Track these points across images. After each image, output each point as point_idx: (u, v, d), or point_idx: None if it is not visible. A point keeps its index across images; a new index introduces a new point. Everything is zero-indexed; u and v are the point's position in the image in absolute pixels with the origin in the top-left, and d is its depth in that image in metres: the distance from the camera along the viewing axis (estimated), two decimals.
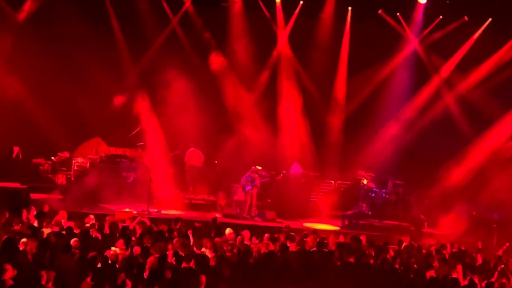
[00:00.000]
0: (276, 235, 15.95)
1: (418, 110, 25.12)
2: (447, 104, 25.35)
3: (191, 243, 14.45)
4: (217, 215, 19.84)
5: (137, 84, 23.57)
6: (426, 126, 24.93)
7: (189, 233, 15.54)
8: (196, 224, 16.53)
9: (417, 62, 25.45)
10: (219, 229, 16.51)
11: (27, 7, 22.87)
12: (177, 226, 16.10)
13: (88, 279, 10.88)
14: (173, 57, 23.09)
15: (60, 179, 21.79)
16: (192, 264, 12.40)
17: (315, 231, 16.92)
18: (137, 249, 13.17)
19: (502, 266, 15.40)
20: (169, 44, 24.03)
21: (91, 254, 12.23)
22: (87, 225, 15.16)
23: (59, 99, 22.60)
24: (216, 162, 22.59)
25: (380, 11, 24.54)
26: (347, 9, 24.84)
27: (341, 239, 16.64)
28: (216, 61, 24.23)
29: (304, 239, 15.93)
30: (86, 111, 22.78)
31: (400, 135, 24.87)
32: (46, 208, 16.14)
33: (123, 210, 18.98)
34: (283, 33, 24.98)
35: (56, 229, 14.37)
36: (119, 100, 23.27)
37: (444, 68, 25.31)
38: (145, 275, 11.63)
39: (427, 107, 25.15)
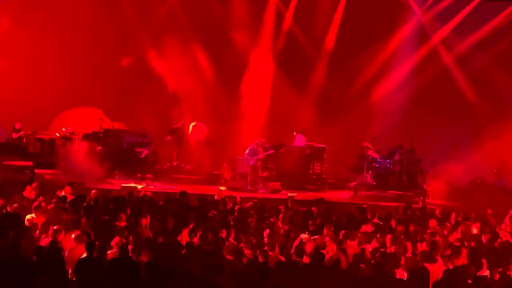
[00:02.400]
0: None
1: (422, 79, 25.13)
2: (453, 74, 25.35)
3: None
4: (222, 188, 19.86)
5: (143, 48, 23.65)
6: (431, 96, 24.94)
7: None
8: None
9: (419, 30, 25.39)
10: (224, 202, 16.55)
11: None
12: (184, 200, 16.16)
13: None
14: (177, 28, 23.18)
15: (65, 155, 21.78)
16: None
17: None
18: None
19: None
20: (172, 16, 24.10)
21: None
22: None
23: (61, 74, 22.64)
24: (219, 135, 22.66)
25: None
26: None
27: None
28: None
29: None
30: (89, 84, 22.86)
31: (404, 103, 24.87)
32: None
33: (128, 185, 19.06)
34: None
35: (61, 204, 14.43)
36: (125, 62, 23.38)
37: (444, 32, 25.28)
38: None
39: (431, 75, 25.14)
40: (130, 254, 10.90)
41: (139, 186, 19.00)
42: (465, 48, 25.09)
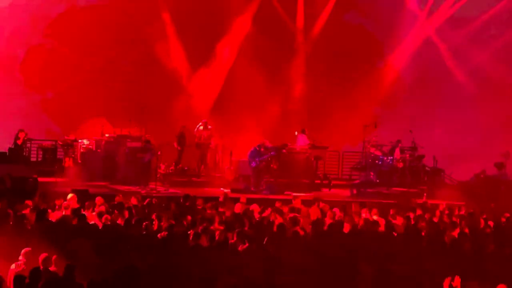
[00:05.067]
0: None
1: (419, 72, 25.20)
2: (451, 66, 25.41)
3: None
4: (225, 190, 19.87)
5: None
6: (429, 89, 25.03)
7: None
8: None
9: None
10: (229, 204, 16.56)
11: None
12: (187, 203, 16.18)
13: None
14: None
15: (68, 162, 21.79)
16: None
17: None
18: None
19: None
20: None
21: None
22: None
23: (63, 82, 22.77)
24: (222, 137, 22.70)
25: None
26: None
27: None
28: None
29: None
30: (89, 91, 22.94)
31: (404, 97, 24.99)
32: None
33: (131, 189, 19.08)
34: None
35: (67, 212, 14.45)
36: None
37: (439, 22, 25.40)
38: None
39: (429, 67, 25.24)
40: None
41: (143, 191, 19.03)
42: (462, 39, 25.15)
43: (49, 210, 14.11)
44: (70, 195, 15.73)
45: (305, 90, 25.38)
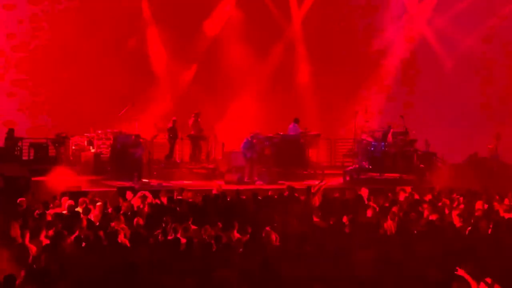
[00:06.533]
0: None
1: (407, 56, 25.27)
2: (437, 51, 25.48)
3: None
4: (219, 182, 19.87)
5: None
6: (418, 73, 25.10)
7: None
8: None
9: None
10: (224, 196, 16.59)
11: None
12: (180, 197, 16.19)
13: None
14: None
15: (60, 160, 21.74)
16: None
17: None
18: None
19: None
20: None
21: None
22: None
23: (55, 79, 22.80)
24: (214, 128, 22.69)
25: None
26: None
27: None
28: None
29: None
30: (81, 90, 22.98)
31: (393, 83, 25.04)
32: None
33: (124, 185, 19.05)
34: None
35: (60, 210, 14.45)
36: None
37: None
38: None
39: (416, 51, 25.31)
40: None
41: (136, 186, 19.00)
42: (451, 23, 25.21)
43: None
44: (63, 193, 15.74)
45: (295, 79, 25.37)
